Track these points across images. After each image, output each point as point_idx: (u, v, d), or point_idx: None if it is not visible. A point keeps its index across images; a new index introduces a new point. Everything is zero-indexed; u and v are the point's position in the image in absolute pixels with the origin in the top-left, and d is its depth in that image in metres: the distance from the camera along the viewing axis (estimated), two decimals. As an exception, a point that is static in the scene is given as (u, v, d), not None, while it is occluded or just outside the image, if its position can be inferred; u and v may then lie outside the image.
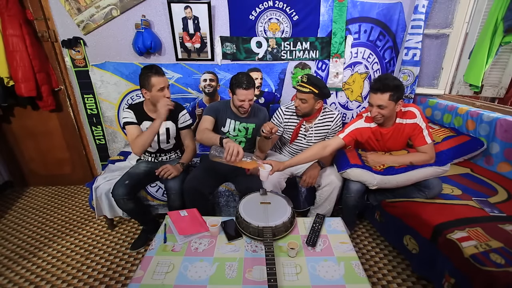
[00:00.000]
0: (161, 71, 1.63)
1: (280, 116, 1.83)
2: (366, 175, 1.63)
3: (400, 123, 1.62)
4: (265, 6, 2.09)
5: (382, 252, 1.78)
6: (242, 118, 1.80)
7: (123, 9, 2.02)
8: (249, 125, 1.82)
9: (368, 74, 2.46)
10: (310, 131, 1.80)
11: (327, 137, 1.85)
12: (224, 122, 1.80)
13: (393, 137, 1.66)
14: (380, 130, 1.66)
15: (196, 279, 1.08)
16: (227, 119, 1.79)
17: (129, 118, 1.71)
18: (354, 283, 1.06)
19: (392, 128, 1.64)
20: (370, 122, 1.66)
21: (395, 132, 1.64)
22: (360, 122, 1.68)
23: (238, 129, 1.81)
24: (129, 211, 1.70)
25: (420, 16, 2.16)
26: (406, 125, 1.61)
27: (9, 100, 2.11)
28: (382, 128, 1.65)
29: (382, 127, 1.65)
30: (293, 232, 1.34)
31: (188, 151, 1.84)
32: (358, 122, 1.69)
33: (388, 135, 1.65)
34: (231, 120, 1.79)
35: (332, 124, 1.80)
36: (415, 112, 1.59)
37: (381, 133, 1.67)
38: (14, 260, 1.74)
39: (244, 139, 1.85)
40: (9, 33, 1.90)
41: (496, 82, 2.41)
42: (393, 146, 1.71)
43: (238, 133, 1.82)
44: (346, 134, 1.66)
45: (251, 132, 1.84)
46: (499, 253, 1.13)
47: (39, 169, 2.55)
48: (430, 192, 1.57)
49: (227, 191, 1.86)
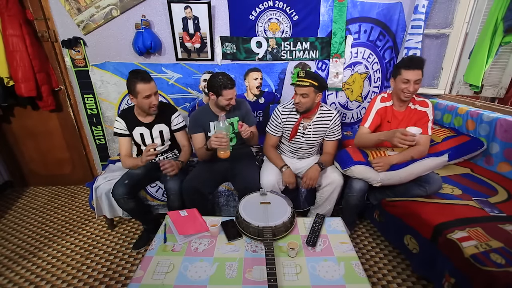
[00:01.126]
0: (147, 78, 1.58)
1: (278, 116, 1.82)
2: (370, 172, 1.63)
3: (414, 108, 1.71)
4: (265, 6, 2.09)
5: (382, 252, 1.78)
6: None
7: (123, 9, 2.02)
8: (232, 119, 1.83)
9: (368, 74, 2.46)
10: (309, 129, 1.80)
11: (326, 137, 1.84)
12: (208, 126, 1.81)
13: (405, 120, 1.72)
14: (394, 111, 1.74)
15: (196, 279, 1.08)
16: (209, 123, 1.80)
17: (119, 129, 1.72)
18: (354, 283, 1.06)
19: (405, 112, 1.72)
20: (385, 101, 1.75)
21: (407, 116, 1.72)
22: (377, 104, 1.76)
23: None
24: (130, 211, 1.70)
25: (420, 16, 2.16)
26: (417, 112, 1.70)
27: (9, 100, 2.12)
28: (396, 110, 1.74)
29: (396, 108, 1.74)
30: (293, 232, 1.34)
31: (185, 150, 1.85)
32: (375, 105, 1.76)
33: (401, 117, 1.73)
34: (214, 122, 1.80)
35: (330, 123, 1.79)
36: (429, 103, 1.70)
37: (394, 114, 1.74)
38: (14, 260, 1.74)
39: (233, 135, 1.86)
40: (9, 33, 1.90)
41: (496, 82, 2.41)
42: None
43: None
44: (371, 122, 1.75)
45: (236, 125, 1.84)
46: (499, 253, 1.13)
47: (39, 169, 2.55)
48: (430, 187, 1.57)
49: (227, 191, 1.86)
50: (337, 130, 1.82)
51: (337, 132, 1.83)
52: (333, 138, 1.83)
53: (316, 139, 1.84)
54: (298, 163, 1.91)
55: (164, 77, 2.24)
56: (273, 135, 1.87)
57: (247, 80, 2.32)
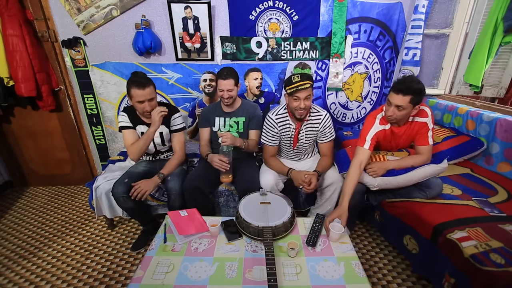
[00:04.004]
0: (142, 83, 1.54)
1: (274, 126, 1.74)
2: (368, 176, 1.63)
3: (412, 121, 1.62)
4: (265, 6, 2.09)
5: (382, 252, 1.78)
6: (231, 114, 1.86)
7: (123, 9, 2.02)
8: (239, 119, 1.86)
9: (368, 74, 2.46)
10: (301, 134, 1.77)
11: (319, 139, 1.80)
12: (214, 121, 1.88)
13: (405, 134, 1.66)
14: (393, 129, 1.65)
15: (196, 279, 1.08)
16: (215, 118, 1.87)
17: (124, 122, 1.71)
18: (354, 283, 1.07)
19: (405, 127, 1.64)
20: (384, 124, 1.65)
21: (407, 130, 1.65)
22: (376, 126, 1.65)
23: (229, 124, 1.87)
24: (129, 210, 1.70)
25: (420, 16, 2.16)
26: (417, 124, 1.62)
27: (9, 100, 2.12)
28: (394, 128, 1.65)
29: (395, 126, 1.65)
30: (293, 232, 1.34)
31: (174, 159, 1.76)
32: (374, 126, 1.65)
33: (401, 133, 1.66)
34: (220, 118, 1.87)
35: (320, 126, 1.74)
36: (428, 112, 1.60)
37: (393, 133, 1.67)
38: (14, 260, 1.74)
39: (236, 134, 1.87)
40: (9, 33, 1.90)
41: (496, 82, 2.41)
42: (403, 143, 1.73)
43: (229, 129, 1.88)
44: (370, 143, 1.62)
45: (242, 126, 1.88)
46: (499, 253, 1.13)
47: (39, 169, 2.55)
48: (431, 192, 1.57)
49: (227, 191, 1.86)
50: (329, 132, 1.77)
51: (329, 133, 1.77)
52: (325, 140, 1.79)
53: (308, 142, 1.81)
54: (297, 164, 1.91)
55: (164, 77, 2.24)
56: (272, 146, 1.80)
57: (247, 80, 2.32)
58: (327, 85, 2.39)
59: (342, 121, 2.61)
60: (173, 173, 1.73)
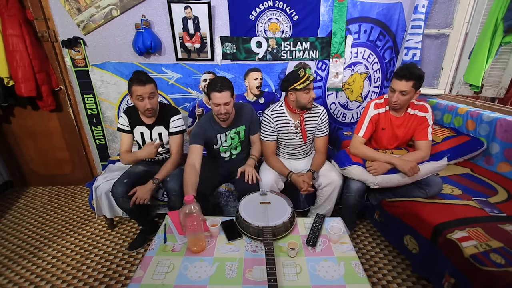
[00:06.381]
0: (143, 80, 1.55)
1: (270, 121, 1.78)
2: (368, 174, 1.64)
3: (412, 114, 1.68)
4: (265, 6, 2.09)
5: (382, 252, 1.78)
6: (230, 126, 1.75)
7: (123, 9, 2.01)
8: (239, 129, 1.78)
9: (368, 74, 2.46)
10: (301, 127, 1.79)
11: (316, 134, 1.84)
12: (215, 139, 1.75)
13: (403, 125, 1.71)
14: (391, 117, 1.71)
15: (196, 279, 1.08)
16: (216, 135, 1.74)
17: (123, 125, 1.73)
18: (354, 283, 1.06)
19: (403, 117, 1.70)
20: (379, 107, 1.71)
21: (406, 121, 1.70)
22: (371, 111, 1.73)
23: (231, 137, 1.78)
24: (128, 210, 1.70)
25: (420, 16, 2.16)
26: (416, 117, 1.67)
27: (9, 100, 2.12)
28: (393, 116, 1.70)
29: (394, 113, 1.70)
30: (293, 232, 1.34)
31: (168, 163, 1.73)
32: (369, 112, 1.73)
33: (399, 122, 1.71)
34: (220, 134, 1.74)
35: (319, 119, 1.80)
36: (428, 108, 1.67)
37: (391, 120, 1.71)
38: (14, 260, 1.74)
39: (239, 143, 1.84)
40: (9, 33, 1.90)
41: (496, 82, 2.41)
42: (402, 135, 1.74)
43: (231, 142, 1.80)
44: (365, 131, 1.72)
45: (243, 134, 1.81)
46: (499, 253, 1.13)
47: (39, 169, 2.55)
48: (431, 190, 1.57)
49: (227, 192, 1.85)
50: (325, 127, 1.82)
51: (325, 128, 1.83)
52: (321, 134, 1.83)
53: (309, 136, 1.84)
54: (297, 164, 1.91)
55: (164, 77, 2.24)
56: (271, 141, 1.82)
57: (247, 80, 2.32)
58: (327, 85, 2.39)
59: (342, 121, 2.61)
60: (173, 173, 1.73)
